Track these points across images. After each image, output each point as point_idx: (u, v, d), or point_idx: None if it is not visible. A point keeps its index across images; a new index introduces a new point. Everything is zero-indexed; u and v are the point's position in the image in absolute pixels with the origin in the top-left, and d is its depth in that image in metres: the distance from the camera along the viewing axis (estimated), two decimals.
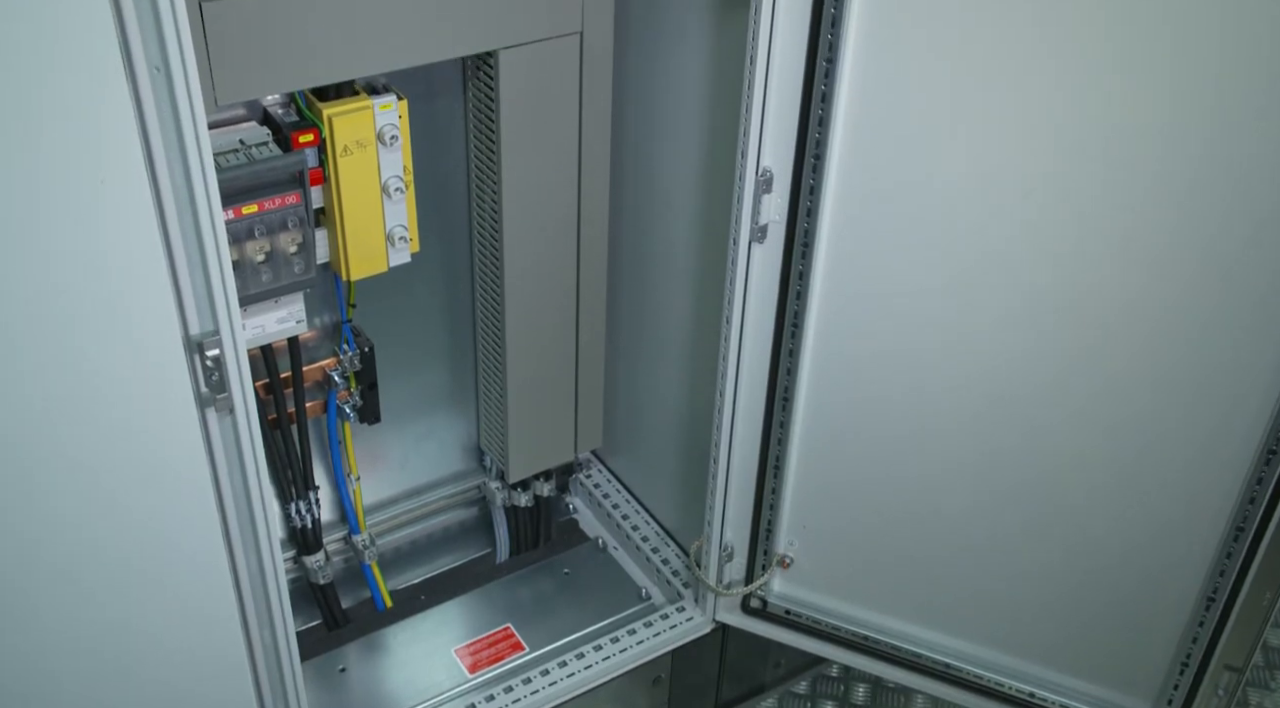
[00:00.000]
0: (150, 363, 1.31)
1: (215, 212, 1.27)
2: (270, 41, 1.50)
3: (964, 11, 1.44)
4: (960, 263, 1.59)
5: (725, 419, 1.85)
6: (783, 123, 1.62)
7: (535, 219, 1.88)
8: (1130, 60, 1.37)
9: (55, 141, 1.13)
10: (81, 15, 1.11)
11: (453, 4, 1.62)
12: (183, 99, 1.19)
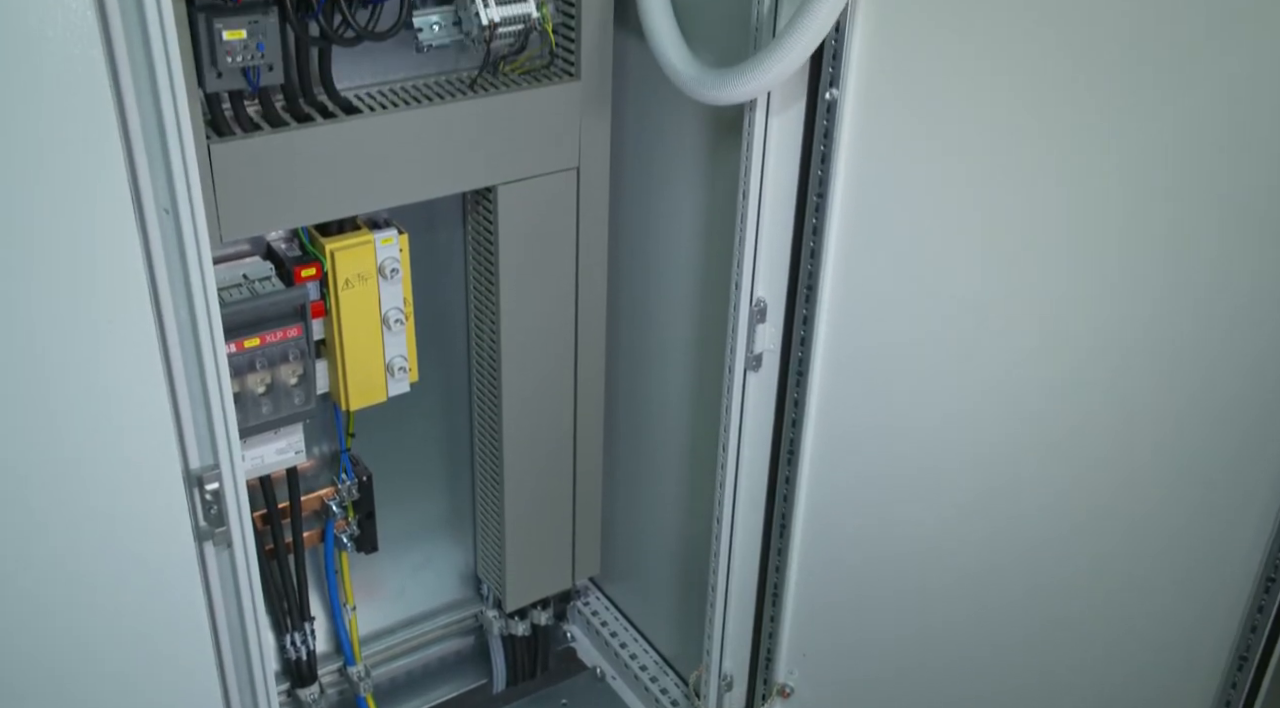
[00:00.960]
0: (149, 497, 1.32)
1: (218, 348, 1.30)
2: (276, 180, 1.54)
3: (955, 148, 1.48)
4: (957, 391, 1.60)
5: (723, 546, 1.84)
6: (775, 254, 1.66)
7: (533, 349, 1.91)
8: (1133, 203, 1.40)
9: (64, 285, 1.16)
10: (94, 160, 1.15)
11: (454, 143, 1.67)
12: (190, 240, 1.23)
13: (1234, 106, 1.29)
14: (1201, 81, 1.30)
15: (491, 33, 1.63)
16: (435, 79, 1.72)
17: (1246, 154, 1.28)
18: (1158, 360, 1.44)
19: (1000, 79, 1.42)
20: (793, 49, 1.45)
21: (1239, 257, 1.31)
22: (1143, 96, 1.33)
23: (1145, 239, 1.40)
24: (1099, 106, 1.37)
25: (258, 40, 1.46)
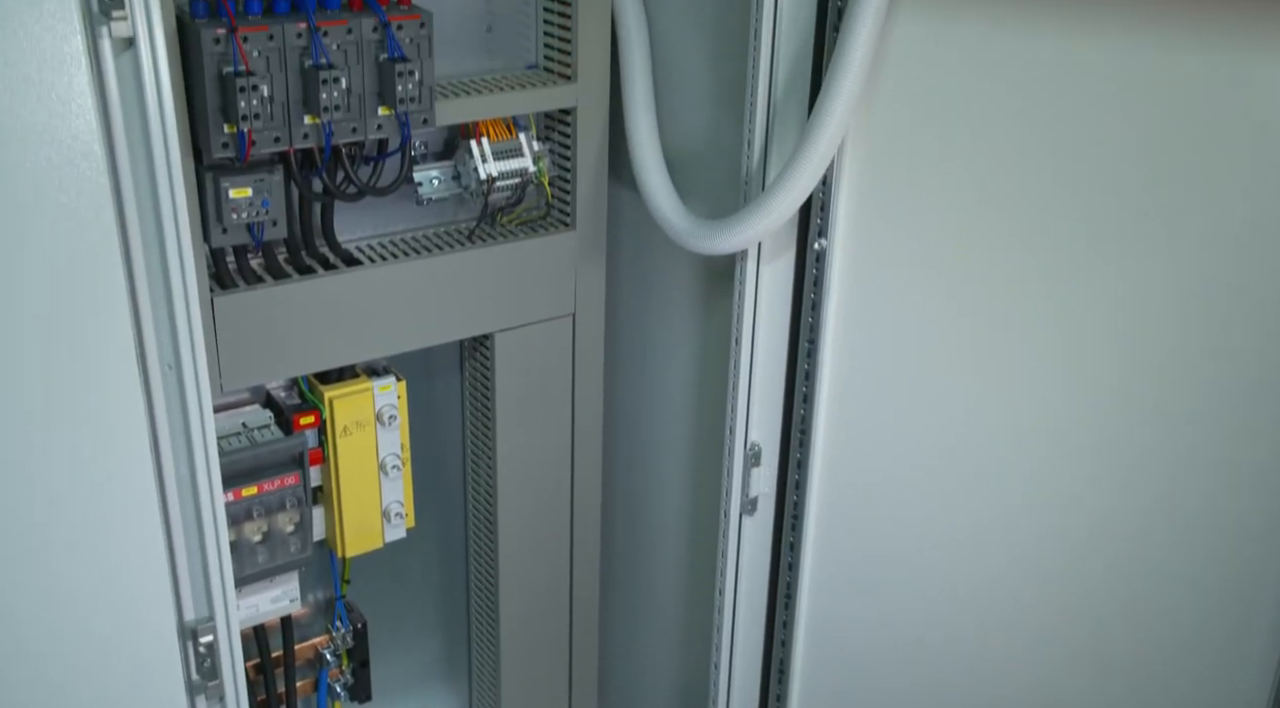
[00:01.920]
0: (142, 651, 1.31)
1: (217, 503, 1.31)
2: (278, 331, 1.57)
3: (944, 293, 1.52)
4: (952, 527, 1.61)
5: (720, 692, 1.82)
6: (769, 399, 1.68)
7: (529, 494, 1.91)
8: (1124, 343, 1.43)
9: (66, 443, 1.17)
10: (99, 318, 1.17)
11: (452, 292, 1.70)
12: (192, 396, 1.25)
13: (1218, 249, 1.33)
14: (1189, 227, 1.34)
15: (489, 186, 1.69)
16: (435, 230, 1.77)
17: (1238, 283, 1.31)
18: (1152, 493, 1.45)
19: (989, 226, 1.46)
20: (782, 202, 1.50)
21: (1232, 372, 1.34)
22: (1133, 242, 1.37)
23: (1136, 385, 1.42)
24: (1088, 248, 1.41)
25: (263, 197, 1.50)
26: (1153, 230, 1.36)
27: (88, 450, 1.19)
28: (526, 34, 1.75)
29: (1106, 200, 1.38)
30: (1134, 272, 1.38)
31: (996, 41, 1.40)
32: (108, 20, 1.10)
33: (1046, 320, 1.46)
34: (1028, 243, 1.44)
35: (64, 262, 1.14)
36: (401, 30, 1.49)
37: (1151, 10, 1.30)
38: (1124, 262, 1.39)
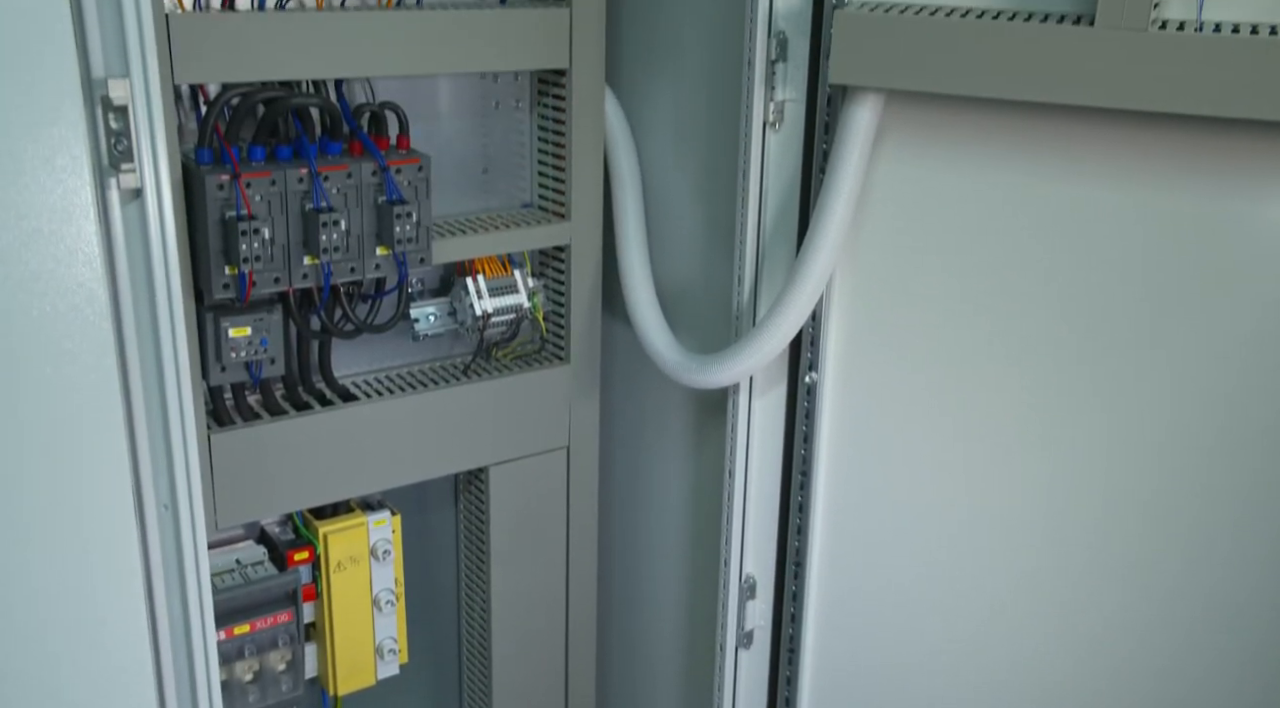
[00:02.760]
0: None
1: (209, 644, 1.30)
2: (274, 467, 1.58)
3: (935, 424, 1.54)
4: (953, 666, 1.59)
5: None
6: (763, 531, 1.69)
7: (524, 627, 1.90)
8: (1114, 470, 1.45)
9: (60, 587, 1.17)
10: (98, 461, 1.18)
11: (448, 427, 1.72)
12: (187, 538, 1.25)
13: (1209, 374, 1.35)
14: (1180, 353, 1.37)
15: (485, 322, 1.72)
16: (431, 365, 1.79)
17: (1227, 410, 1.33)
18: (1146, 606, 1.45)
19: (978, 355, 1.49)
20: (772, 337, 1.53)
21: (1227, 495, 1.35)
22: (1124, 367, 1.40)
23: (1127, 506, 1.43)
24: (1076, 372, 1.43)
25: (262, 336, 1.53)
26: (1143, 355, 1.39)
27: (82, 591, 1.18)
28: (522, 174, 1.80)
29: (1093, 325, 1.41)
30: (1125, 396, 1.41)
31: (979, 175, 1.44)
32: (117, 172, 1.14)
33: (1039, 445, 1.47)
34: (1017, 372, 1.47)
35: (64, 406, 1.15)
36: (400, 174, 1.53)
37: (1127, 142, 1.35)
38: (1115, 386, 1.41)
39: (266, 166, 1.46)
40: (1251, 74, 1.21)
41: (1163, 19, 1.29)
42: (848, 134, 1.45)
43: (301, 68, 1.47)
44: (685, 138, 1.72)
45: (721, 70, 1.62)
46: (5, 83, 1.05)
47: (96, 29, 1.13)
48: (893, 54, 1.38)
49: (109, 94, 1.11)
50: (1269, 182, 1.29)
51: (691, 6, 1.66)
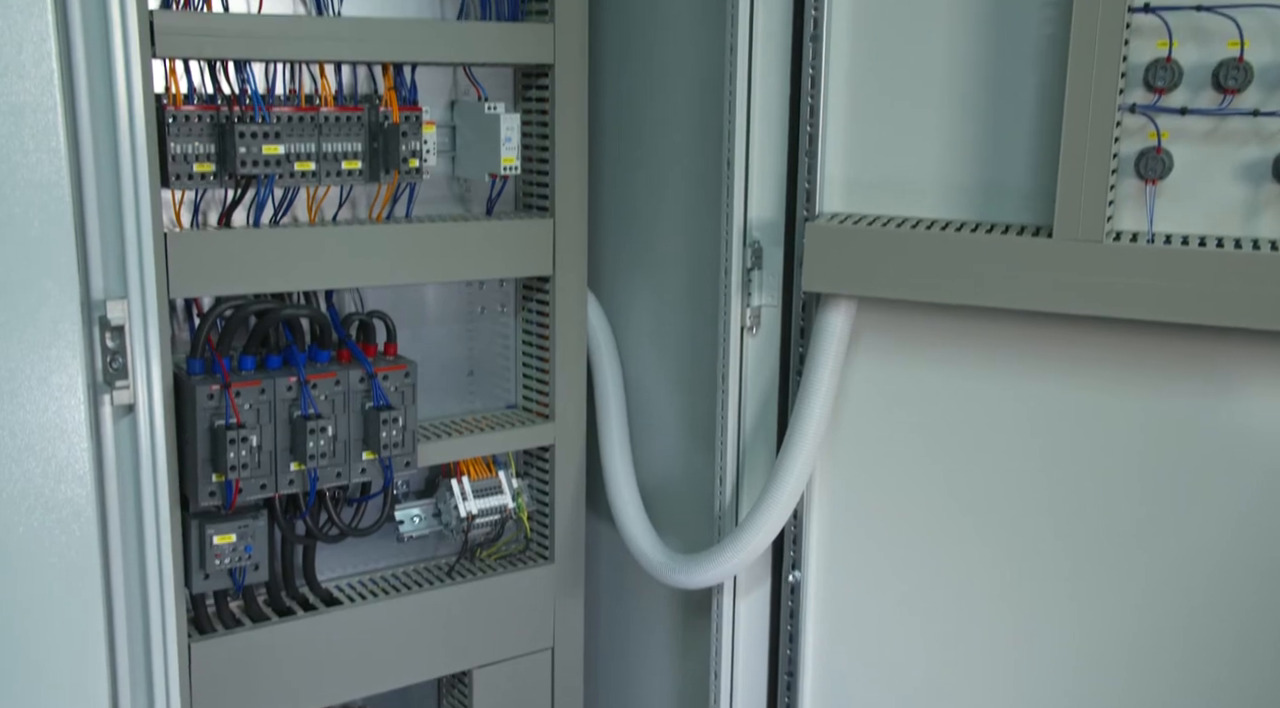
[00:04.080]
0: None
1: None
2: (255, 674, 1.56)
3: (920, 621, 1.54)
4: None
5: None
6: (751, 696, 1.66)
7: None
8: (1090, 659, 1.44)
9: None
10: (77, 674, 1.17)
11: (431, 630, 1.70)
12: None
13: (1192, 572, 1.36)
14: (1162, 549, 1.38)
15: (470, 523, 1.73)
16: (415, 566, 1.79)
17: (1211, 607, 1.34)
18: None
19: (961, 550, 1.51)
20: (755, 537, 1.54)
21: None
22: (1105, 560, 1.42)
23: (1100, 693, 1.42)
24: (1053, 562, 1.44)
25: (246, 543, 1.53)
26: (1124, 549, 1.41)
27: None
28: (506, 376, 1.84)
29: (1065, 517, 1.44)
30: (1101, 585, 1.42)
31: (950, 375, 1.49)
32: (111, 389, 1.17)
33: (1025, 636, 1.47)
34: (996, 564, 1.48)
35: (47, 618, 1.15)
36: (387, 380, 1.57)
37: (1089, 345, 1.40)
38: (1092, 575, 1.42)
39: (256, 375, 1.49)
40: (1200, 283, 1.27)
41: (1116, 230, 1.36)
42: (822, 338, 1.50)
43: (294, 280, 1.53)
44: (665, 341, 1.77)
45: (700, 276, 1.68)
46: (8, 307, 1.09)
47: (98, 252, 1.18)
48: (862, 263, 1.44)
49: (107, 315, 1.15)
50: (1228, 384, 1.34)
51: (669, 215, 1.74)
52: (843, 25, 1.49)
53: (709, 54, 1.58)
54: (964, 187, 1.46)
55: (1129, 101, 1.32)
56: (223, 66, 1.46)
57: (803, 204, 1.53)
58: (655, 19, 1.71)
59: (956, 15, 1.43)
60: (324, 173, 1.53)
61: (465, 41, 1.60)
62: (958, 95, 1.44)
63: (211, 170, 1.46)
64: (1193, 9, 1.27)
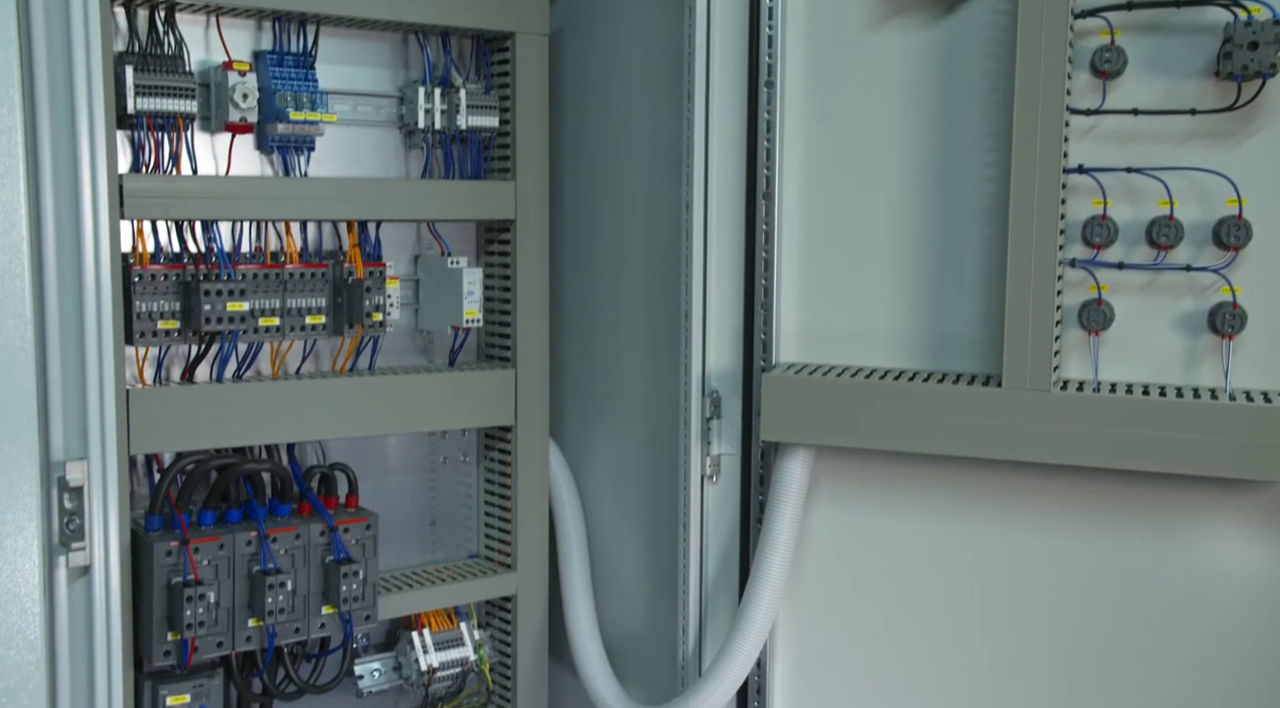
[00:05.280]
0: None
1: None
2: None
3: None
4: None
5: None
6: None
7: None
8: None
9: None
10: None
11: None
12: None
13: None
14: (1098, 678, 1.38)
15: (431, 677, 1.70)
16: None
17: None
18: None
19: (928, 692, 1.50)
20: (718, 688, 1.53)
21: None
22: (1049, 694, 1.41)
23: None
24: (1025, 704, 1.44)
25: (201, 703, 1.50)
26: (1082, 689, 1.41)
27: None
28: (469, 526, 1.84)
29: (1023, 656, 1.44)
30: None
31: (909, 520, 1.51)
32: (67, 551, 1.16)
33: None
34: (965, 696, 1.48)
35: None
36: (348, 533, 1.56)
37: (1042, 491, 1.43)
38: None
39: (216, 530, 1.48)
40: (1145, 431, 1.30)
41: (1063, 379, 1.40)
42: (782, 486, 1.51)
43: (257, 435, 1.53)
44: (627, 489, 1.78)
45: (660, 425, 1.70)
46: None
47: (59, 412, 1.18)
48: (819, 413, 1.47)
49: (66, 476, 1.16)
50: (1177, 528, 1.37)
51: (630, 365, 1.76)
52: (794, 182, 1.55)
53: (666, 209, 1.63)
54: (915, 337, 1.50)
55: (1069, 256, 1.38)
56: (189, 226, 1.49)
57: (759, 354, 1.57)
58: (613, 176, 1.76)
59: (902, 173, 1.49)
60: (288, 328, 1.56)
61: (430, 199, 1.64)
62: (906, 249, 1.49)
63: (176, 327, 1.47)
64: (1123, 171, 1.34)
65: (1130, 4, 1.32)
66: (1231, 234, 1.31)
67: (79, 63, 1.27)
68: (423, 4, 1.60)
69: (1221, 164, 1.31)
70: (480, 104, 1.68)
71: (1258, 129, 1.30)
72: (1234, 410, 1.27)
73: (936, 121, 1.46)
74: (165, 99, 1.44)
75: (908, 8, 1.46)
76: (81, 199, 1.25)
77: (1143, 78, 1.34)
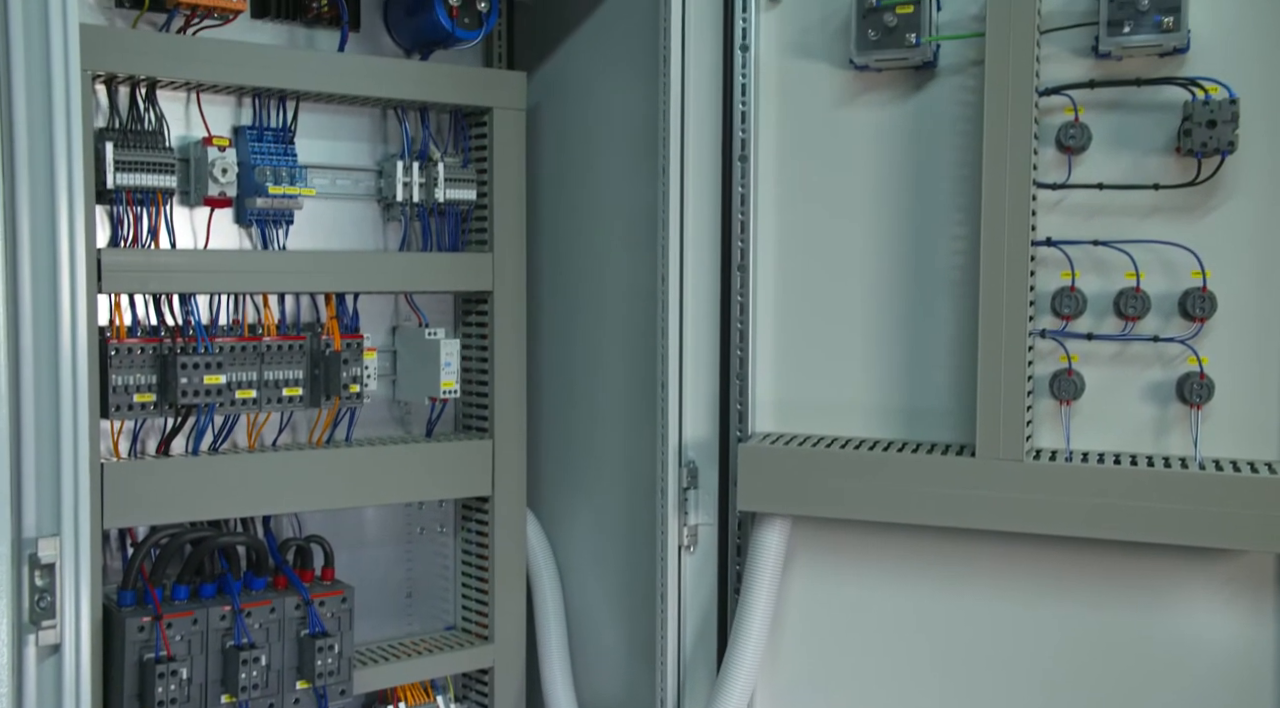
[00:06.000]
0: None
1: None
2: None
3: None
4: None
5: None
6: None
7: None
8: None
9: None
10: None
11: None
12: None
13: None
14: None
15: None
16: None
17: None
18: None
19: None
20: None
21: None
22: None
23: None
24: None
25: None
26: None
27: None
28: (445, 597, 1.83)
29: None
30: None
31: (887, 589, 1.51)
32: (37, 629, 1.14)
33: None
34: None
35: None
36: (323, 606, 1.55)
37: (1017, 559, 1.43)
38: None
39: (189, 605, 1.47)
40: (1116, 500, 1.31)
41: (1036, 449, 1.41)
42: (759, 556, 1.51)
43: (233, 507, 1.53)
44: (605, 559, 1.77)
45: (638, 495, 1.70)
46: None
47: (32, 489, 1.17)
48: (795, 483, 1.47)
49: (38, 553, 1.14)
50: (1151, 596, 1.37)
51: (607, 435, 1.77)
52: (768, 255, 1.57)
53: (642, 280, 1.64)
54: (889, 407, 1.51)
55: (1039, 327, 1.40)
56: (167, 299, 1.50)
57: (735, 424, 1.58)
58: (590, 248, 1.78)
59: (875, 245, 1.51)
60: (265, 400, 1.56)
61: (408, 272, 1.65)
62: (879, 320, 1.51)
63: (152, 400, 1.47)
64: (1090, 244, 1.37)
65: (1092, 83, 1.36)
66: (1197, 305, 1.33)
67: (59, 139, 1.27)
68: (403, 81, 1.62)
69: (1185, 237, 1.34)
70: (458, 177, 1.70)
71: (1218, 204, 1.33)
72: (1204, 480, 1.29)
73: (907, 195, 1.49)
74: (144, 175, 1.46)
75: (877, 85, 1.50)
76: (59, 274, 1.25)
77: (1107, 153, 1.38)
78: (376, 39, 1.73)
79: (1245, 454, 1.34)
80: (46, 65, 1.22)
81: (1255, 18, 1.32)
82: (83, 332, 1.25)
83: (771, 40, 1.55)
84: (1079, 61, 1.38)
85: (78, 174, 1.25)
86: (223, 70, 1.49)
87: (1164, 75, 1.34)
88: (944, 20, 1.44)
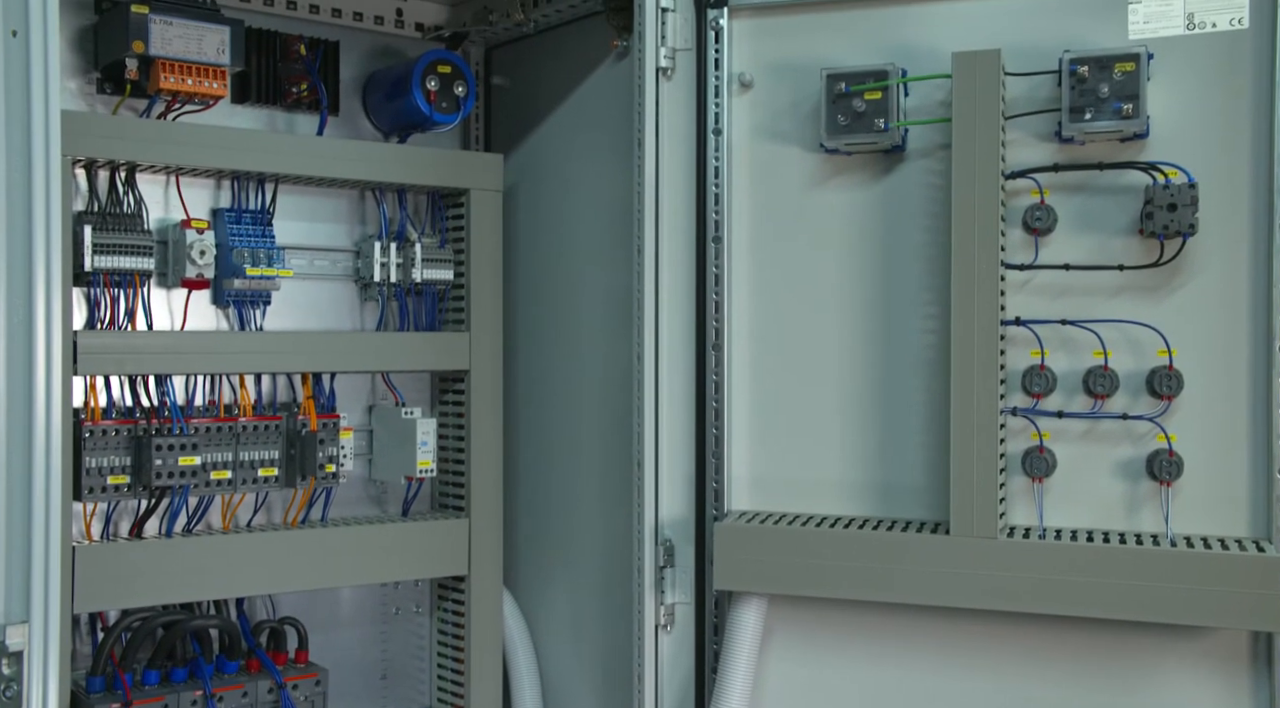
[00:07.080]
0: None
1: None
2: None
3: None
4: None
5: None
6: None
7: None
8: None
9: None
10: None
11: None
12: None
13: None
14: None
15: None
16: None
17: None
18: None
19: None
20: None
21: None
22: None
23: None
24: None
25: None
26: None
27: None
28: (421, 678, 1.81)
29: None
30: None
31: (863, 668, 1.50)
32: None
33: None
34: None
35: None
36: (297, 690, 1.54)
37: (993, 636, 1.43)
38: None
39: (160, 690, 1.46)
40: (1089, 577, 1.32)
41: (1010, 526, 1.42)
42: (736, 635, 1.51)
43: (206, 590, 1.52)
44: (581, 639, 1.76)
45: (614, 574, 1.69)
46: None
47: (2, 574, 1.16)
48: (771, 561, 1.47)
49: (6, 641, 1.13)
50: (1127, 673, 1.37)
51: (583, 514, 1.77)
52: (743, 333, 1.58)
53: (618, 359, 1.65)
54: (863, 484, 1.52)
55: (1010, 405, 1.41)
56: (143, 380, 1.50)
57: (711, 502, 1.58)
58: (566, 327, 1.80)
59: (847, 325, 1.53)
60: (240, 481, 1.55)
61: (385, 351, 1.66)
62: (852, 399, 1.52)
63: (126, 482, 1.47)
64: (1058, 323, 1.39)
65: (1056, 166, 1.39)
66: (1164, 383, 1.35)
67: (38, 222, 1.28)
68: (382, 163, 1.65)
69: (1150, 316, 1.36)
70: (435, 257, 1.71)
71: (1181, 284, 1.36)
72: (1178, 557, 1.30)
73: (878, 275, 1.51)
74: (122, 257, 1.47)
75: (847, 168, 1.53)
76: (35, 356, 1.25)
77: (1072, 234, 1.41)
78: (355, 122, 1.75)
79: (1215, 530, 1.35)
80: (27, 150, 1.23)
81: (1210, 104, 1.35)
82: (57, 415, 1.24)
83: (744, 124, 1.58)
84: (1043, 146, 1.42)
85: (55, 257, 1.26)
86: (203, 154, 1.51)
87: (1125, 160, 1.37)
88: (912, 105, 1.47)
